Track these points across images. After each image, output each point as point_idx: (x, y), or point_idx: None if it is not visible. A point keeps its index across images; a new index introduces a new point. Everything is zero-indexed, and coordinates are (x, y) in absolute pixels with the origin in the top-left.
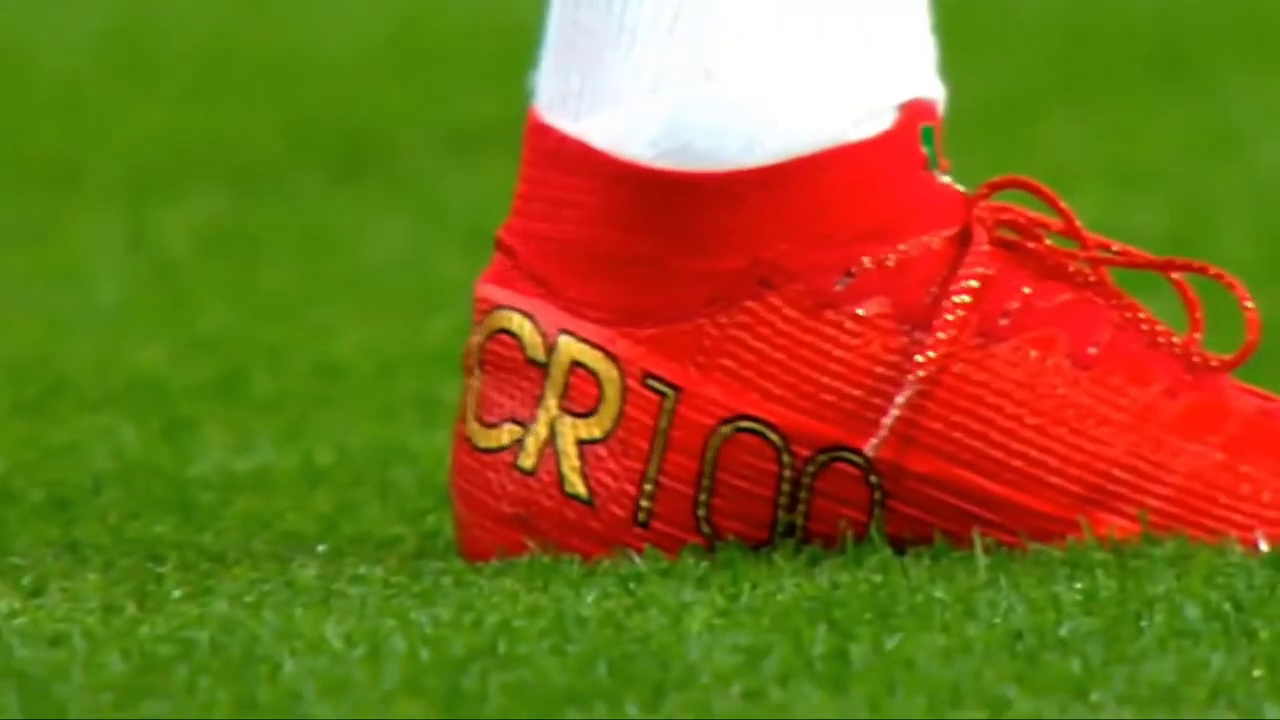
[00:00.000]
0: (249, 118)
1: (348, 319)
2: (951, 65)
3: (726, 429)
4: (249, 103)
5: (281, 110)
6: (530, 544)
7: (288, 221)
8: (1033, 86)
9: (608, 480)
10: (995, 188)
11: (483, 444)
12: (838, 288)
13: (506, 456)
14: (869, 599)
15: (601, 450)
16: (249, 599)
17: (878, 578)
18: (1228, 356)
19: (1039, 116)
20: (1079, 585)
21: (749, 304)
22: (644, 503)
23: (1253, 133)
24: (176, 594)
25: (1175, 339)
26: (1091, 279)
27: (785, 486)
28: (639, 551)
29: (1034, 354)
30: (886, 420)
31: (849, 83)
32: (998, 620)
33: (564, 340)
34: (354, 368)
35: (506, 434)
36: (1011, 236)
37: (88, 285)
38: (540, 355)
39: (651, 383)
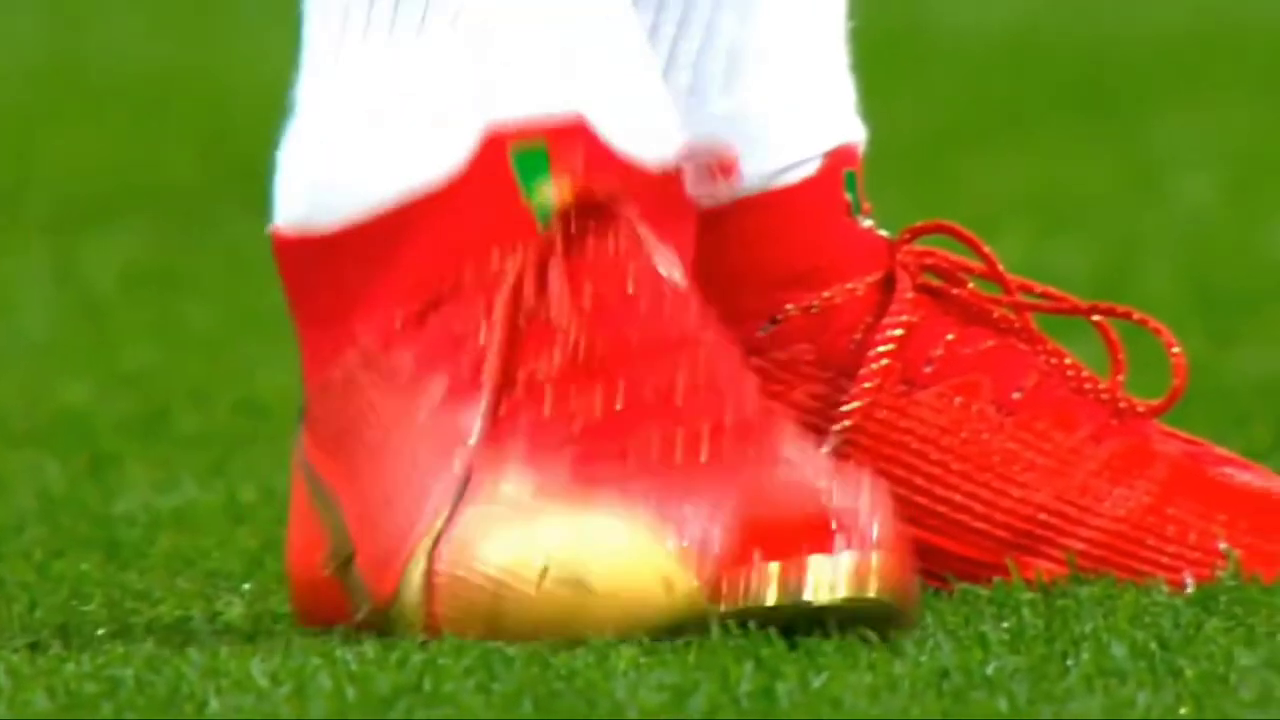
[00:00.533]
0: (175, 153)
1: (272, 357)
2: (876, 103)
3: None
4: (176, 138)
5: (208, 146)
6: None
7: (213, 258)
8: (957, 125)
9: None
10: (918, 233)
11: None
12: (761, 334)
13: None
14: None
15: None
16: (174, 637)
17: None
18: (1154, 402)
19: (964, 154)
20: (1006, 624)
21: None
22: None
23: (1177, 171)
24: (101, 632)
25: (1101, 384)
26: (1015, 325)
27: None
28: None
29: (958, 400)
30: None
31: (775, 131)
32: (924, 659)
33: None
34: (278, 406)
35: None
36: (935, 282)
37: (14, 319)
38: None
39: None
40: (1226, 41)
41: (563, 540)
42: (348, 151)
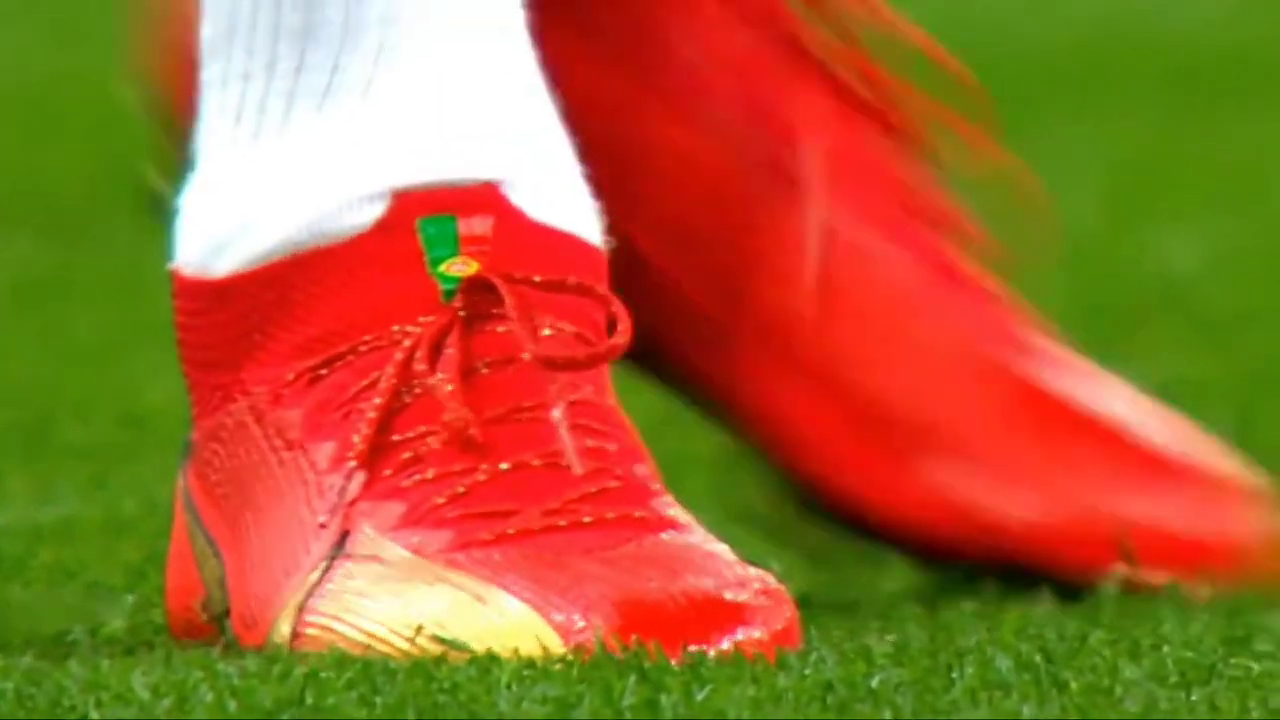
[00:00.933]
0: (61, 163)
1: (157, 368)
2: None
3: None
4: (61, 147)
5: (94, 155)
6: None
7: (99, 268)
8: None
9: None
10: None
11: None
12: None
13: None
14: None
15: None
16: (55, 650)
17: None
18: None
19: None
20: (890, 637)
21: None
22: None
23: (1060, 183)
24: None
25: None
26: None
27: None
28: None
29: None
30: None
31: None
32: (808, 671)
33: None
34: (162, 418)
35: None
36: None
37: None
38: None
39: None
40: (1109, 55)
41: (440, 602)
42: (248, 199)
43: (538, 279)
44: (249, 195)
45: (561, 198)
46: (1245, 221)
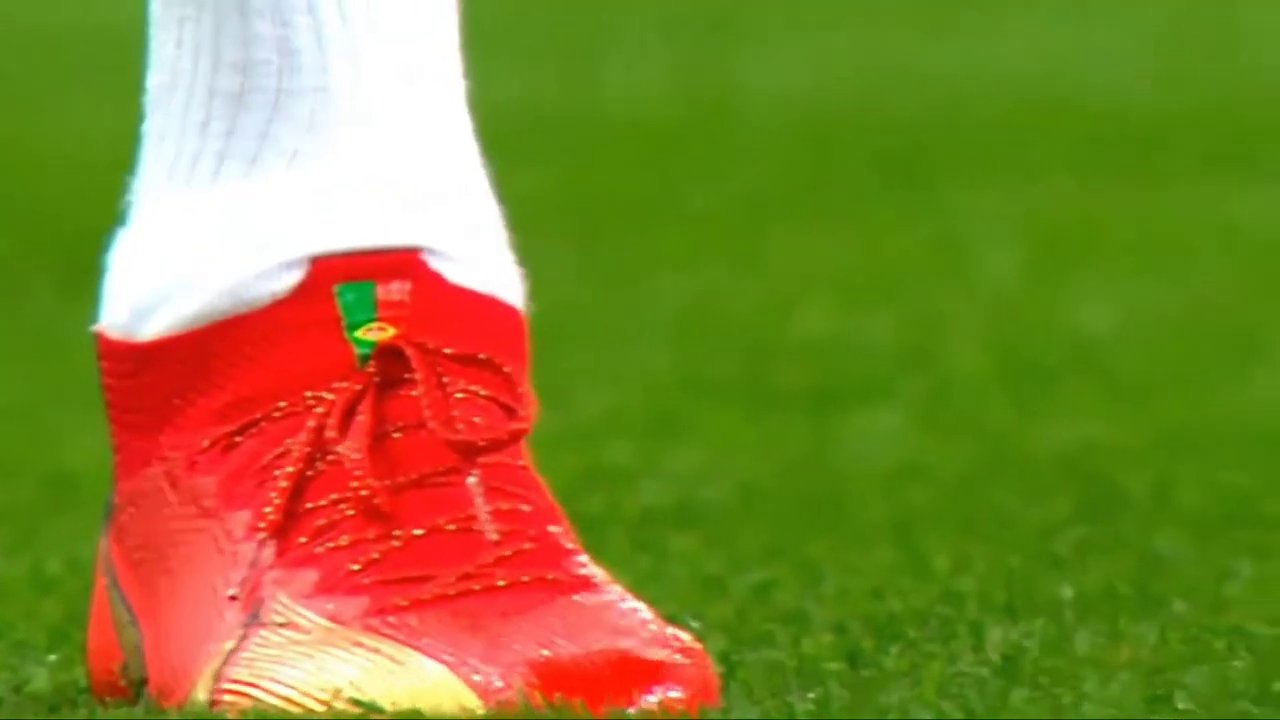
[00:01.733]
0: None
1: (79, 428)
2: (684, 172)
3: None
4: None
5: (12, 215)
6: None
7: (17, 328)
8: (764, 197)
9: None
10: None
11: None
12: None
13: None
14: None
15: None
16: None
17: None
18: None
19: (771, 227)
20: (811, 695)
21: None
22: None
23: (982, 245)
24: None
25: None
26: None
27: None
28: None
29: None
30: None
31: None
32: None
33: None
34: (85, 477)
35: None
36: None
37: None
38: None
39: None
40: (1028, 119)
41: (357, 665)
42: (174, 263)
43: (449, 351)
44: (175, 260)
45: (483, 260)
46: (1160, 285)
